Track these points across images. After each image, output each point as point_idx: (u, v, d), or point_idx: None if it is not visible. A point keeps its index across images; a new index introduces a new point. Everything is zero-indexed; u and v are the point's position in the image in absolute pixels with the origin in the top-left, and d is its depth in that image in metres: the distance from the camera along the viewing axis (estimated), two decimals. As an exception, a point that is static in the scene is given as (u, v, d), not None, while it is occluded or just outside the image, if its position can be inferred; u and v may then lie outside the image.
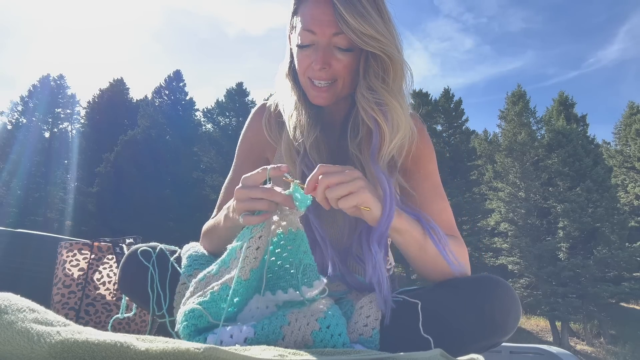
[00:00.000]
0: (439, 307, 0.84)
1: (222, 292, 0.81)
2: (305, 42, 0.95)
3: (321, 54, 0.93)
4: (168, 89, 31.84)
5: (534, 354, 1.55)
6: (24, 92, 32.54)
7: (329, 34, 0.92)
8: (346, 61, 0.94)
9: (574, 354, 1.95)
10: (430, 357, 0.65)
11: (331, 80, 0.96)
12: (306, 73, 0.97)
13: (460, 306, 0.82)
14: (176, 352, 0.50)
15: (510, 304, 0.83)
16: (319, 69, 0.94)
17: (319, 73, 0.95)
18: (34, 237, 2.10)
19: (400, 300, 0.87)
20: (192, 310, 0.78)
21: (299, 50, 0.97)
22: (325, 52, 0.93)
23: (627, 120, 29.12)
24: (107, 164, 25.80)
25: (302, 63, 0.97)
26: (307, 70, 0.97)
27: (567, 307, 19.32)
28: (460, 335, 0.82)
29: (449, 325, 0.82)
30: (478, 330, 0.82)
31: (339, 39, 0.92)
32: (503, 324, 0.82)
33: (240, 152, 1.18)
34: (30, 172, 27.53)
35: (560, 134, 22.57)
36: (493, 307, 0.81)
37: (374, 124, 0.93)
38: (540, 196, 22.21)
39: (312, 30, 0.92)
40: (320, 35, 0.92)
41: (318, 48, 0.94)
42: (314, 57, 0.94)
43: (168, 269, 1.02)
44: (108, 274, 1.82)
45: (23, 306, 0.57)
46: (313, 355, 0.64)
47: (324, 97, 0.98)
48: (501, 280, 0.86)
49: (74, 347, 0.49)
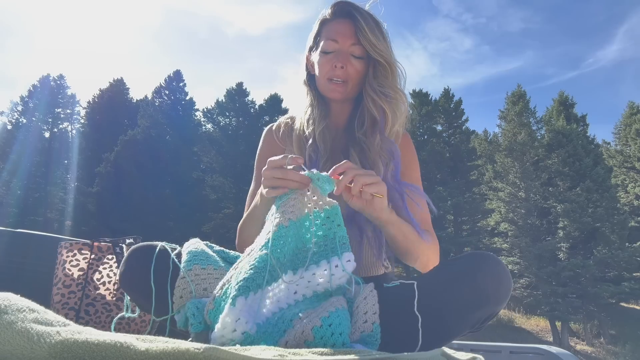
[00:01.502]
0: (433, 284, 0.94)
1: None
2: (330, 49, 1.23)
3: (342, 57, 1.22)
4: (168, 89, 31.83)
5: (534, 354, 1.55)
6: (24, 92, 32.56)
7: (348, 44, 1.22)
8: (358, 67, 1.23)
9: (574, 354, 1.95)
10: (431, 357, 0.65)
11: (345, 80, 1.23)
12: (327, 75, 1.24)
13: (453, 280, 0.91)
14: (176, 352, 0.50)
15: (500, 273, 0.92)
16: (340, 66, 1.20)
17: (339, 71, 1.21)
18: (34, 237, 2.10)
19: (398, 284, 0.98)
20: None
21: (323, 57, 1.24)
22: (345, 57, 1.22)
23: (627, 120, 29.11)
24: (107, 164, 25.81)
25: (325, 66, 1.24)
26: (328, 72, 1.23)
27: (567, 307, 19.33)
28: (456, 307, 0.89)
29: (445, 299, 0.90)
30: (472, 300, 0.89)
31: (355, 48, 1.22)
32: (495, 291, 0.91)
33: (259, 164, 1.37)
34: (30, 172, 27.53)
35: (560, 134, 22.58)
36: (485, 276, 0.90)
37: (381, 112, 1.21)
38: (540, 196, 22.22)
39: (336, 39, 1.22)
40: (342, 43, 1.22)
41: (339, 53, 1.22)
42: (336, 60, 1.21)
43: (169, 267, 1.02)
44: (108, 274, 1.82)
45: (23, 306, 0.57)
46: (313, 355, 0.64)
47: (339, 91, 1.24)
48: (490, 254, 0.96)
49: (74, 347, 0.49)
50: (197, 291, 0.95)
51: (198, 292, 0.95)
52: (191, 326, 0.86)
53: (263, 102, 29.70)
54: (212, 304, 0.85)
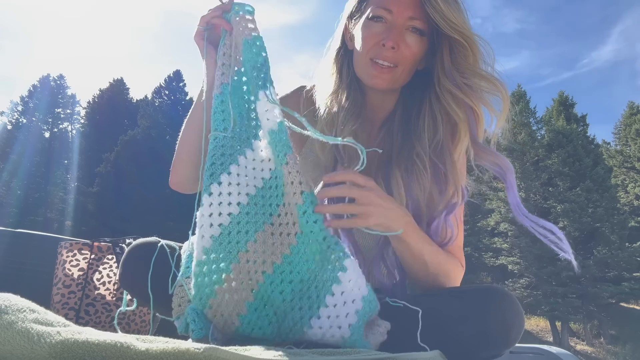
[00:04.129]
0: (441, 315, 0.83)
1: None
2: (379, 17, 0.93)
3: (395, 32, 0.91)
4: (168, 89, 31.83)
5: (534, 354, 1.55)
6: (24, 92, 32.49)
7: (406, 16, 0.91)
8: (415, 47, 0.93)
9: (574, 354, 1.95)
10: (431, 357, 0.65)
11: (394, 64, 0.94)
12: (370, 51, 0.94)
13: (463, 316, 0.81)
14: (176, 352, 0.50)
15: (513, 317, 0.82)
16: (391, 46, 0.91)
17: (387, 52, 0.92)
18: (34, 237, 2.10)
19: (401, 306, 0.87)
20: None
21: (368, 27, 0.94)
22: (399, 32, 0.92)
23: (627, 120, 29.10)
24: (107, 164, 25.80)
25: (369, 40, 0.94)
26: (372, 47, 0.94)
27: (567, 307, 19.32)
28: (460, 345, 0.81)
29: (450, 334, 0.81)
30: (479, 341, 0.81)
31: (416, 22, 0.92)
32: (504, 337, 0.82)
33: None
34: (30, 172, 27.52)
35: (560, 134, 22.56)
36: (495, 320, 0.81)
37: (470, 113, 0.91)
38: (540, 196, 22.21)
39: (390, 9, 0.92)
40: (397, 15, 0.92)
41: (392, 27, 0.92)
42: (386, 35, 0.92)
43: (168, 265, 1.01)
44: (108, 274, 1.82)
45: (23, 306, 0.57)
46: (313, 355, 0.64)
47: (385, 79, 0.95)
48: (506, 293, 0.85)
49: (74, 347, 0.49)
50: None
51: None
52: (192, 332, 0.85)
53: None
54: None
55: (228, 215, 0.84)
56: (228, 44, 0.94)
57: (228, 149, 0.90)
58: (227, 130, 0.90)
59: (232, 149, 0.90)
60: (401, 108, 1.03)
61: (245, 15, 0.93)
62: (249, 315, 0.82)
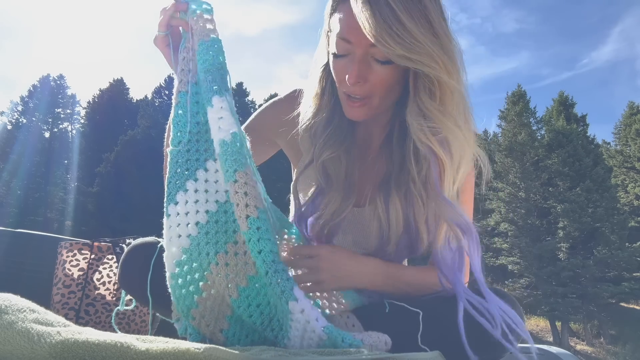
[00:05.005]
0: (441, 316, 0.83)
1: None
2: (341, 52, 0.86)
3: (356, 67, 0.83)
4: (168, 89, 31.85)
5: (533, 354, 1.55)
6: (24, 92, 32.61)
7: (365, 44, 0.81)
8: (383, 74, 0.83)
9: (574, 354, 1.95)
10: (431, 357, 0.65)
11: (366, 96, 0.87)
12: (341, 86, 0.89)
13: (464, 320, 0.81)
14: (176, 352, 0.50)
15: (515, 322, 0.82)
16: (352, 83, 0.84)
17: (354, 88, 0.85)
18: (34, 237, 2.10)
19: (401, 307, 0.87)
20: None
21: (333, 62, 0.89)
22: (360, 65, 0.83)
23: (627, 120, 29.11)
24: (107, 164, 25.80)
25: (339, 74, 0.88)
26: (341, 83, 0.88)
27: (567, 307, 19.32)
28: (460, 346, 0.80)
29: (450, 335, 0.81)
30: (479, 345, 0.81)
31: (376, 50, 0.81)
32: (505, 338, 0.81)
33: (252, 122, 1.12)
34: (30, 172, 27.52)
35: (560, 134, 22.56)
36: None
37: (432, 156, 0.82)
38: (540, 196, 22.20)
39: (348, 39, 0.83)
40: (357, 45, 0.83)
41: (354, 60, 0.84)
42: (348, 71, 0.84)
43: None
44: (108, 274, 1.82)
45: (23, 306, 0.57)
46: (313, 355, 0.64)
47: (360, 112, 0.89)
48: (506, 294, 0.85)
49: (74, 347, 0.49)
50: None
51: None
52: (190, 336, 0.84)
53: (263, 102, 29.66)
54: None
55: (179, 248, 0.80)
56: (188, 47, 0.88)
57: (183, 164, 0.83)
58: (182, 143, 0.83)
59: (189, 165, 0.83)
60: (397, 125, 0.95)
61: (204, 14, 0.87)
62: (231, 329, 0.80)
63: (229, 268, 0.78)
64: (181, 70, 0.87)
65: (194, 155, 0.84)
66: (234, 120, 0.80)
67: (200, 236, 0.79)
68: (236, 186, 0.76)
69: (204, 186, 0.82)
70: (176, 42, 0.94)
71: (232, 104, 0.82)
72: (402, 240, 0.95)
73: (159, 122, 28.37)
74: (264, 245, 0.73)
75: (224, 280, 0.77)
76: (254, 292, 0.77)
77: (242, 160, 0.77)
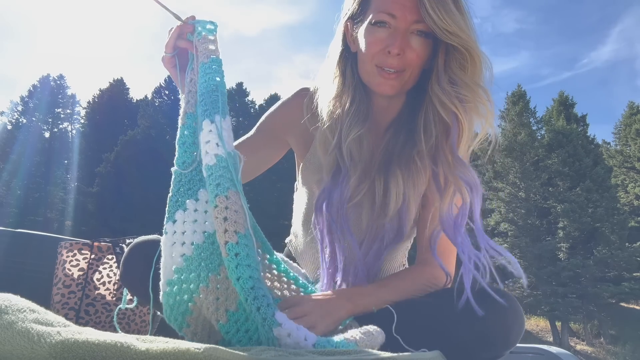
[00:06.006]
0: (441, 315, 0.84)
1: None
2: (382, 24, 0.90)
3: (400, 39, 0.89)
4: (168, 89, 31.85)
5: (533, 354, 1.55)
6: (24, 92, 32.57)
7: (410, 20, 0.89)
8: (420, 50, 0.91)
9: (574, 354, 1.95)
10: (431, 357, 0.65)
11: (401, 70, 0.92)
12: (375, 58, 0.92)
13: (463, 317, 0.81)
14: (176, 352, 0.50)
15: (513, 320, 0.83)
16: (396, 53, 0.89)
17: (393, 60, 0.90)
18: (34, 237, 2.10)
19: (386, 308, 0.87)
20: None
21: (371, 32, 0.92)
22: (403, 38, 0.89)
23: (627, 120, 29.10)
24: (107, 164, 25.80)
25: (373, 46, 0.92)
26: (377, 54, 0.92)
27: (567, 307, 19.32)
28: (460, 346, 0.81)
29: (450, 335, 0.81)
30: (478, 343, 0.81)
31: (419, 26, 0.89)
32: (505, 337, 0.82)
33: (263, 124, 1.15)
34: (30, 172, 27.52)
35: (560, 134, 22.57)
36: (494, 323, 0.81)
37: (454, 120, 0.89)
38: (540, 196, 22.20)
39: (393, 13, 0.89)
40: (401, 19, 0.89)
41: (396, 33, 0.90)
42: (390, 42, 0.89)
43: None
44: (108, 274, 1.82)
45: (23, 306, 0.57)
46: (313, 355, 0.64)
47: (392, 85, 0.93)
48: (506, 293, 0.85)
49: (74, 347, 0.49)
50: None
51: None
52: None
53: (263, 102, 29.69)
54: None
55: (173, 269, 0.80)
56: (195, 68, 0.88)
57: (185, 184, 0.84)
58: (186, 165, 0.84)
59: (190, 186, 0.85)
60: (407, 108, 1.02)
61: (208, 35, 0.88)
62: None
63: (219, 291, 0.78)
64: (189, 91, 0.89)
65: (197, 175, 0.85)
66: (222, 142, 0.80)
67: (194, 256, 0.80)
68: (216, 211, 0.76)
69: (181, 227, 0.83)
70: (183, 63, 0.95)
71: (227, 124, 0.83)
72: (395, 219, 0.97)
73: (158, 122, 28.39)
74: (242, 271, 0.72)
75: (213, 304, 0.77)
76: (243, 317, 0.76)
77: (225, 183, 0.77)
